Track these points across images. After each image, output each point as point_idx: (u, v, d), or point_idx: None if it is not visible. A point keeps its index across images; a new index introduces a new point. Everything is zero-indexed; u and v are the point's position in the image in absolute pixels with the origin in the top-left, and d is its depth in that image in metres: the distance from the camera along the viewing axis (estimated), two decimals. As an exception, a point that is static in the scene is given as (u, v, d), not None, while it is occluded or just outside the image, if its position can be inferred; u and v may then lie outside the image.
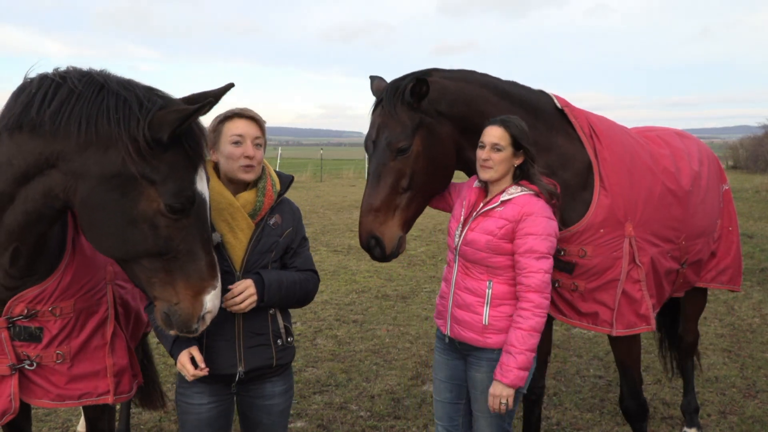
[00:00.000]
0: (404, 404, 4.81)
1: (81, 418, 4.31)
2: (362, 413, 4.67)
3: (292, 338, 2.68)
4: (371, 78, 3.37)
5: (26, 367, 2.49)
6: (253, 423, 2.71)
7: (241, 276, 2.51)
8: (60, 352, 2.50)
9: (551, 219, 2.77)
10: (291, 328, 2.69)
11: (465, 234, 2.84)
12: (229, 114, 2.53)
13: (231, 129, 2.49)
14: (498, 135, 2.77)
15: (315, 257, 10.10)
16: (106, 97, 2.05)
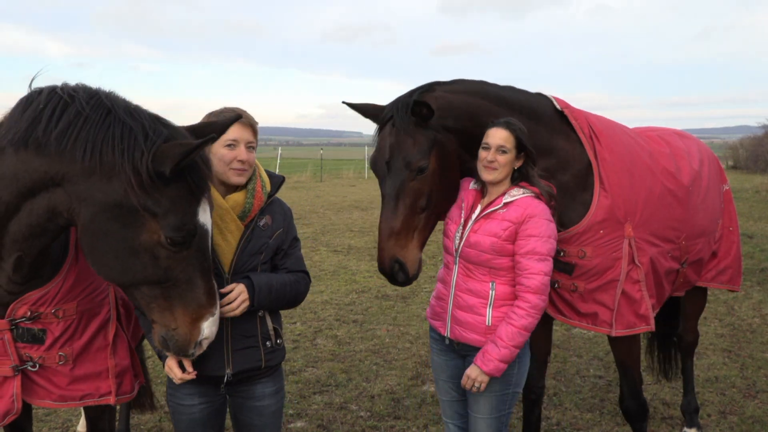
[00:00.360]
0: (404, 404, 4.82)
1: (81, 418, 4.31)
2: (362, 413, 4.67)
3: (281, 340, 2.67)
4: (349, 105, 3.18)
5: (29, 368, 2.49)
6: (245, 425, 2.71)
7: (230, 278, 2.50)
8: (63, 354, 2.51)
9: (551, 222, 2.79)
10: (280, 329, 2.68)
11: (467, 236, 2.83)
12: (223, 116, 2.49)
13: (226, 134, 2.46)
14: (504, 137, 2.78)
15: (315, 257, 10.12)
16: (113, 124, 2.03)
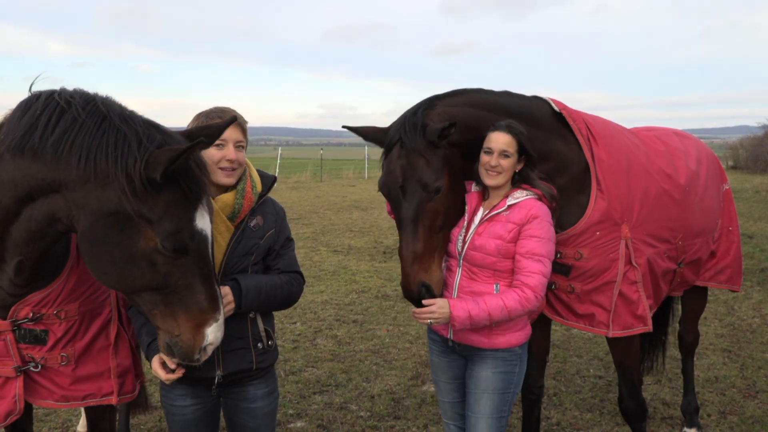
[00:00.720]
0: (404, 404, 4.82)
1: (81, 418, 4.32)
2: (362, 413, 4.68)
3: (273, 341, 2.65)
4: (350, 129, 3.17)
5: (31, 369, 2.50)
6: (239, 426, 2.69)
7: (219, 280, 2.48)
8: (65, 354, 2.51)
9: (551, 225, 2.81)
10: (272, 331, 2.66)
11: (471, 239, 2.83)
12: (213, 116, 2.48)
13: None
14: (506, 142, 2.78)
15: (315, 257, 10.12)
16: (107, 130, 2.02)
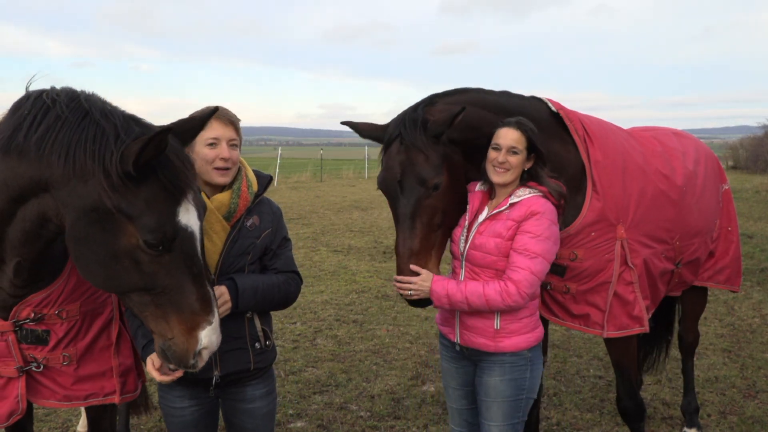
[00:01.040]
0: (404, 404, 4.82)
1: (81, 418, 4.32)
2: (362, 413, 4.68)
3: (271, 341, 2.64)
4: (349, 124, 3.17)
5: (33, 369, 2.50)
6: (237, 427, 2.69)
7: (216, 279, 2.48)
8: (66, 354, 2.51)
9: (554, 224, 2.72)
10: (270, 331, 2.65)
11: (472, 238, 2.78)
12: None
13: (206, 132, 2.44)
14: (515, 138, 2.71)
15: (315, 257, 10.12)
16: (87, 126, 2.00)
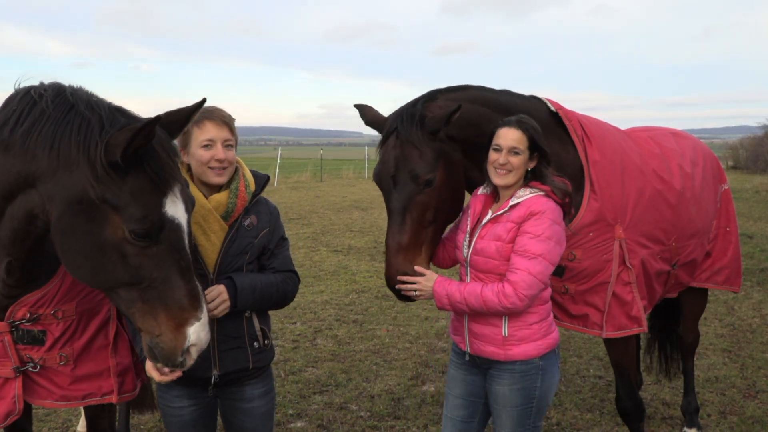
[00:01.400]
0: (404, 404, 4.82)
1: (81, 418, 4.31)
2: (362, 413, 4.67)
3: (269, 341, 2.65)
4: (359, 107, 3.20)
5: (30, 369, 2.49)
6: (236, 427, 2.69)
7: (215, 279, 2.48)
8: (63, 354, 2.51)
9: (556, 223, 2.61)
10: (268, 330, 2.65)
11: (474, 243, 2.71)
12: (199, 117, 2.46)
13: (201, 134, 2.45)
14: (516, 138, 2.62)
15: (315, 257, 10.12)
16: (73, 118, 2.00)
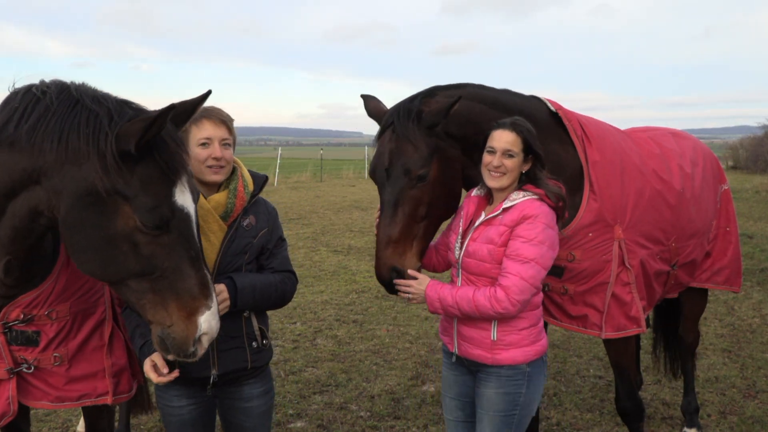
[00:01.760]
0: (404, 404, 4.81)
1: (81, 418, 4.31)
2: (362, 413, 4.67)
3: (267, 341, 2.65)
4: (365, 98, 3.22)
5: (24, 370, 2.48)
6: (235, 426, 2.69)
7: (214, 279, 2.46)
8: (57, 355, 2.50)
9: (549, 227, 2.60)
10: (267, 330, 2.66)
11: (466, 245, 2.71)
12: (197, 116, 2.46)
13: (198, 132, 2.46)
14: (510, 140, 2.61)
15: (315, 257, 10.12)
16: (79, 112, 2.01)
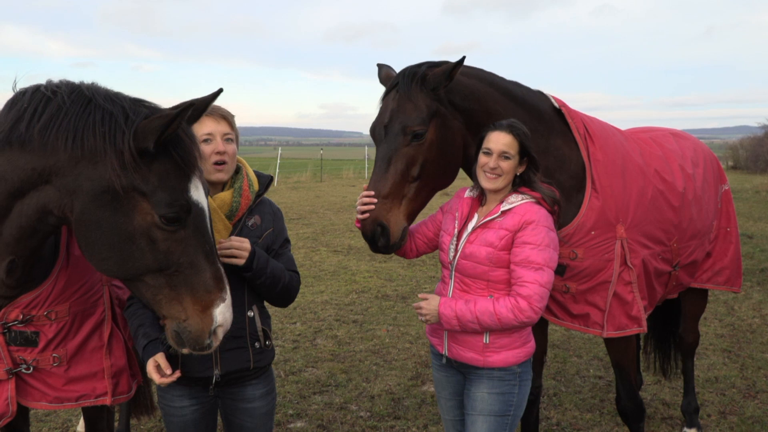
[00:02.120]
0: (404, 404, 4.81)
1: (81, 418, 4.31)
2: (362, 413, 4.67)
3: (270, 341, 2.64)
4: (379, 66, 3.29)
5: (23, 370, 2.48)
6: (236, 427, 2.69)
7: None
8: (56, 355, 2.50)
9: (551, 230, 2.62)
10: (269, 331, 2.65)
11: (463, 247, 2.69)
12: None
13: (199, 129, 2.46)
14: (507, 142, 2.62)
15: (315, 257, 10.12)
16: (93, 111, 2.02)
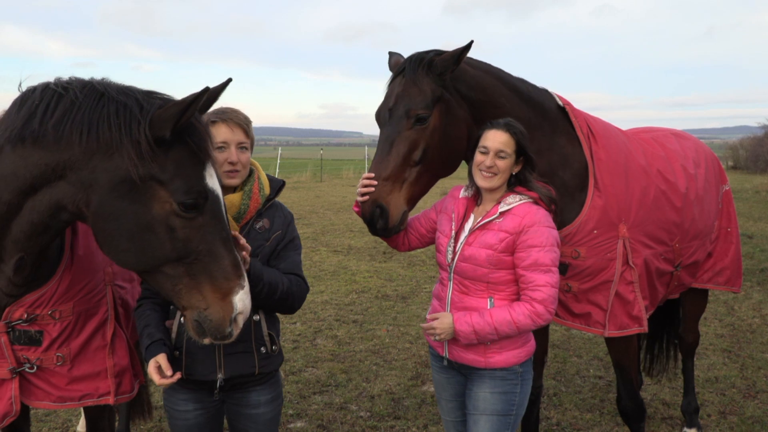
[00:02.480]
0: (404, 404, 4.81)
1: (81, 418, 4.31)
2: (362, 413, 4.67)
3: (277, 347, 2.62)
4: (390, 54, 3.30)
5: (27, 370, 2.49)
6: (241, 431, 2.66)
7: None
8: (60, 355, 2.50)
9: (553, 228, 2.61)
10: (276, 336, 2.63)
11: (461, 249, 2.66)
12: (213, 119, 2.48)
13: (214, 135, 2.44)
14: (504, 141, 2.60)
15: (315, 257, 10.11)
16: (107, 104, 2.04)
